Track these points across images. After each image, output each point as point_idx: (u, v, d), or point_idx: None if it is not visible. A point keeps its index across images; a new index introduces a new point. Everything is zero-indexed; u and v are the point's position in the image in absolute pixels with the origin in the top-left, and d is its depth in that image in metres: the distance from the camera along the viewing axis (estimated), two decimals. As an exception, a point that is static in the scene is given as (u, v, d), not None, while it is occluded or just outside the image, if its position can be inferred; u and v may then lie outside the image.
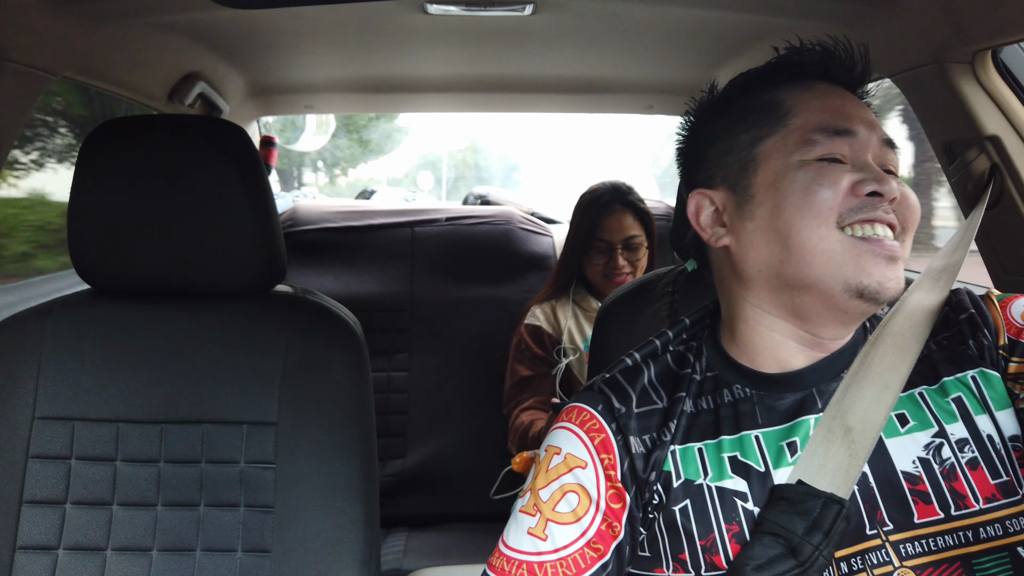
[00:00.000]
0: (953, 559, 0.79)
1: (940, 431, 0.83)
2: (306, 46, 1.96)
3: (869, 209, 0.82)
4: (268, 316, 1.26)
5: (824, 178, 0.83)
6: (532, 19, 1.64)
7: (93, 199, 1.20)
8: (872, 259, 0.81)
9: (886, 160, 0.87)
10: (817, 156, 0.85)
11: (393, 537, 2.25)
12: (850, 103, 0.89)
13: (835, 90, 0.90)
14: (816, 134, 0.85)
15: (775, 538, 0.79)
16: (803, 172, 0.84)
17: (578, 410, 0.93)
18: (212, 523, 1.20)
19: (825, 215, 0.82)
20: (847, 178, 0.83)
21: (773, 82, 0.92)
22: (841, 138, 0.85)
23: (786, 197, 0.84)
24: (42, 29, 1.33)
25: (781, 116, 0.88)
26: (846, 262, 0.82)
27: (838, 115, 0.87)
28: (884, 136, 0.87)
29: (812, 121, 0.87)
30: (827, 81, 0.91)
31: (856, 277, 0.81)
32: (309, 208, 2.63)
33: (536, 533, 0.85)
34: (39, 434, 1.20)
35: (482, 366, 2.35)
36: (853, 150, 0.85)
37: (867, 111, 0.90)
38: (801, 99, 0.89)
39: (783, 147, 0.87)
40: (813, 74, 0.91)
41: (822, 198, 0.82)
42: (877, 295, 0.81)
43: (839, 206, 0.82)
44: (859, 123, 0.87)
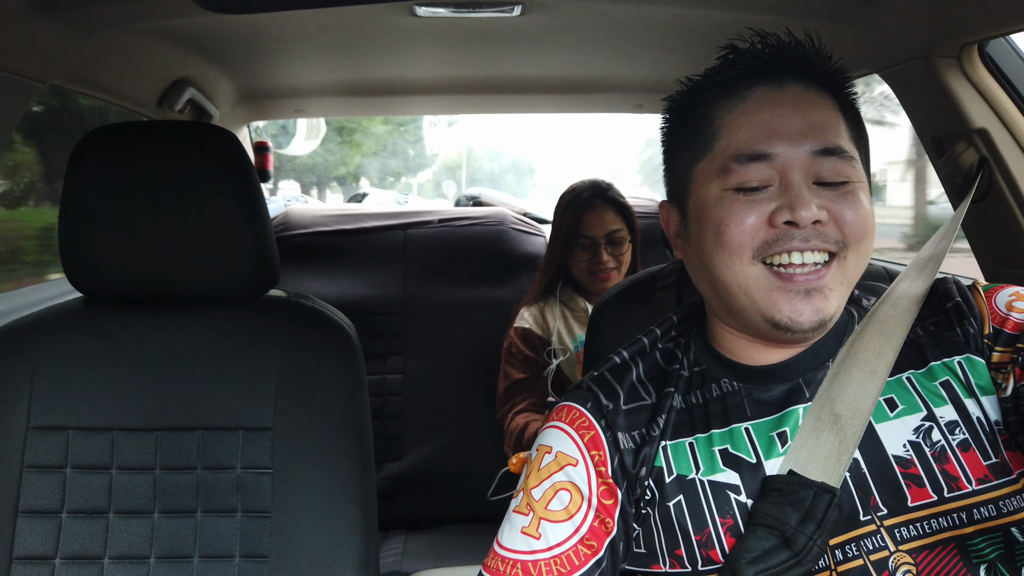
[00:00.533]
0: (948, 541, 0.79)
1: (929, 414, 0.84)
2: (295, 50, 1.96)
3: (785, 240, 0.81)
4: (262, 321, 1.26)
5: (732, 216, 0.83)
6: (521, 20, 1.65)
7: (84, 206, 1.20)
8: (782, 296, 0.82)
9: (822, 172, 0.83)
10: (734, 186, 0.84)
11: (391, 540, 2.25)
12: (782, 112, 0.84)
13: (772, 96, 0.85)
14: (732, 162, 0.84)
15: (769, 530, 0.79)
16: (716, 207, 0.84)
17: (567, 408, 0.93)
18: (209, 530, 1.20)
19: (737, 252, 0.82)
20: (760, 210, 0.82)
21: (708, 96, 0.89)
22: (757, 163, 0.83)
23: (705, 232, 0.86)
24: (30, 37, 1.32)
25: (710, 137, 0.87)
26: (760, 297, 0.83)
27: (760, 135, 0.83)
28: (820, 145, 0.83)
29: (733, 145, 0.84)
30: (769, 83, 0.86)
31: (769, 312, 0.83)
32: (301, 212, 2.63)
33: (529, 532, 0.85)
34: (33, 444, 1.20)
35: (477, 367, 2.35)
36: (776, 170, 0.83)
37: (809, 114, 0.84)
38: (731, 116, 0.86)
39: (708, 173, 0.86)
40: (750, 81, 0.87)
41: (730, 237, 0.82)
42: (789, 328, 0.82)
43: (751, 242, 0.82)
44: (782, 140, 0.83)
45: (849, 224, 0.82)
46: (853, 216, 0.82)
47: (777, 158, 0.83)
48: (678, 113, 0.94)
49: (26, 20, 1.29)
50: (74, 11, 1.36)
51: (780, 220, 0.81)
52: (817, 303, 0.82)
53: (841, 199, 0.83)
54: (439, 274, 2.49)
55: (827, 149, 0.83)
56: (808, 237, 0.81)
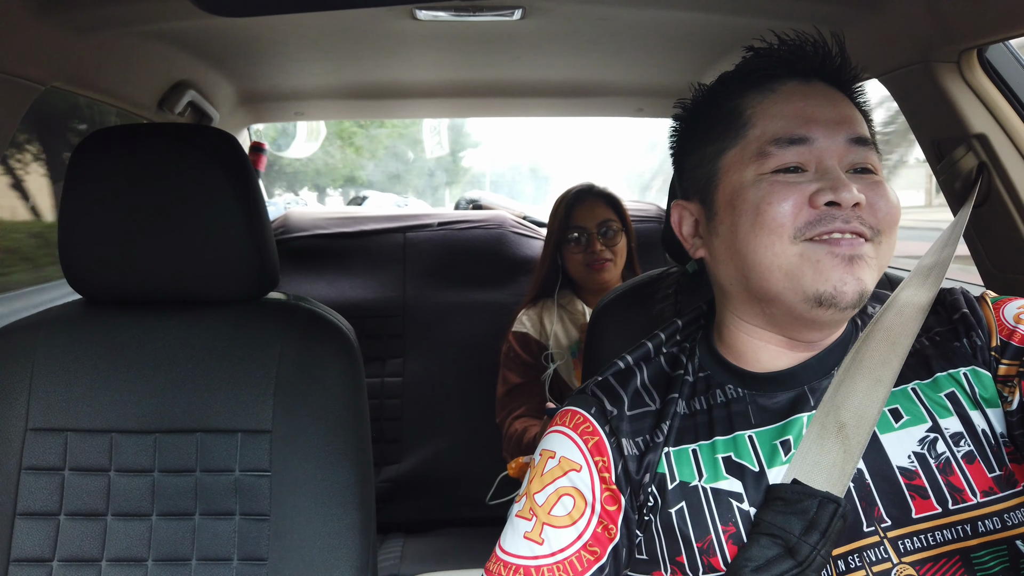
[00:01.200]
0: (952, 553, 0.79)
1: (934, 425, 0.83)
2: (296, 53, 1.96)
3: (827, 221, 0.81)
4: (261, 323, 1.26)
5: (774, 195, 0.82)
6: (521, 24, 1.65)
7: (84, 209, 1.20)
8: (829, 261, 0.80)
9: (856, 160, 0.84)
10: (772, 168, 0.83)
11: (390, 543, 2.24)
12: (815, 103, 0.85)
13: (803, 89, 0.87)
14: (770, 145, 0.84)
15: (772, 539, 0.79)
16: (755, 189, 0.83)
17: (571, 413, 0.93)
18: (207, 532, 1.19)
19: (777, 232, 0.82)
20: (800, 191, 0.82)
21: (737, 88, 0.90)
22: (796, 147, 0.83)
23: (740, 216, 0.85)
24: (31, 39, 1.32)
25: (741, 127, 0.87)
26: (804, 272, 0.81)
27: (796, 121, 0.84)
28: (854, 134, 0.85)
29: (768, 131, 0.85)
30: (798, 78, 0.88)
31: (813, 285, 0.81)
32: (301, 215, 2.63)
33: (532, 537, 0.85)
34: (32, 446, 1.19)
35: (476, 370, 2.35)
36: (814, 156, 0.83)
37: (839, 107, 0.86)
38: (762, 106, 0.87)
39: (741, 160, 0.86)
40: (780, 74, 0.88)
41: (771, 216, 0.82)
42: (834, 300, 0.80)
43: (792, 222, 0.81)
44: (819, 126, 0.84)
45: (883, 211, 0.83)
46: (885, 204, 0.83)
47: (815, 143, 0.83)
48: (702, 106, 0.94)
49: (26, 22, 1.29)
50: (74, 13, 1.36)
51: (822, 200, 0.80)
52: (860, 271, 0.80)
53: (873, 188, 0.83)
54: (438, 277, 2.49)
55: (860, 138, 0.84)
56: (848, 219, 0.81)
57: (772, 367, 0.89)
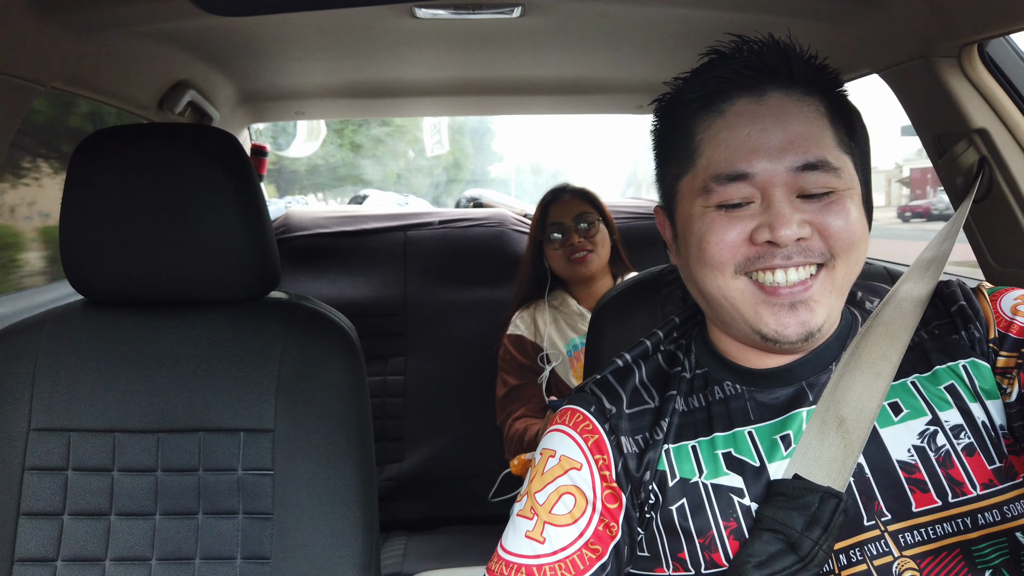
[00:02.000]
0: (952, 546, 0.79)
1: (934, 418, 0.83)
2: (295, 52, 1.96)
3: (767, 258, 0.81)
4: (263, 323, 1.26)
5: (714, 232, 0.83)
6: (520, 21, 1.65)
7: (85, 209, 1.20)
8: (767, 309, 0.82)
9: (806, 186, 0.81)
10: (715, 204, 0.83)
11: (393, 541, 2.25)
12: (760, 128, 0.82)
13: (751, 109, 0.83)
14: (711, 181, 0.83)
15: (774, 534, 0.79)
16: (699, 223, 0.84)
17: (571, 412, 0.93)
18: (211, 531, 1.20)
19: (719, 268, 0.83)
20: (741, 228, 0.82)
21: (689, 109, 0.87)
22: (736, 183, 0.82)
23: (689, 247, 0.86)
24: (30, 40, 1.32)
25: (691, 154, 0.86)
26: (746, 310, 0.83)
27: (738, 153, 0.82)
28: (801, 160, 0.81)
29: (712, 163, 0.83)
30: (750, 94, 0.84)
31: (756, 324, 0.83)
32: (302, 214, 2.63)
33: (534, 536, 0.85)
34: (35, 446, 1.20)
35: (478, 368, 2.35)
36: (758, 187, 0.82)
37: (789, 127, 0.82)
38: (711, 131, 0.85)
39: (691, 189, 0.86)
40: (729, 93, 0.84)
41: (711, 253, 0.83)
42: (776, 340, 0.82)
43: (732, 258, 0.82)
44: (762, 157, 0.81)
45: (835, 235, 0.81)
46: (839, 226, 0.81)
47: (757, 176, 0.81)
48: (662, 125, 0.94)
49: (26, 23, 1.29)
50: (74, 14, 1.36)
51: (760, 239, 0.81)
52: (803, 316, 0.81)
53: (826, 210, 0.81)
54: (439, 275, 2.49)
55: (808, 164, 0.81)
56: (790, 255, 0.80)
57: (767, 364, 0.90)
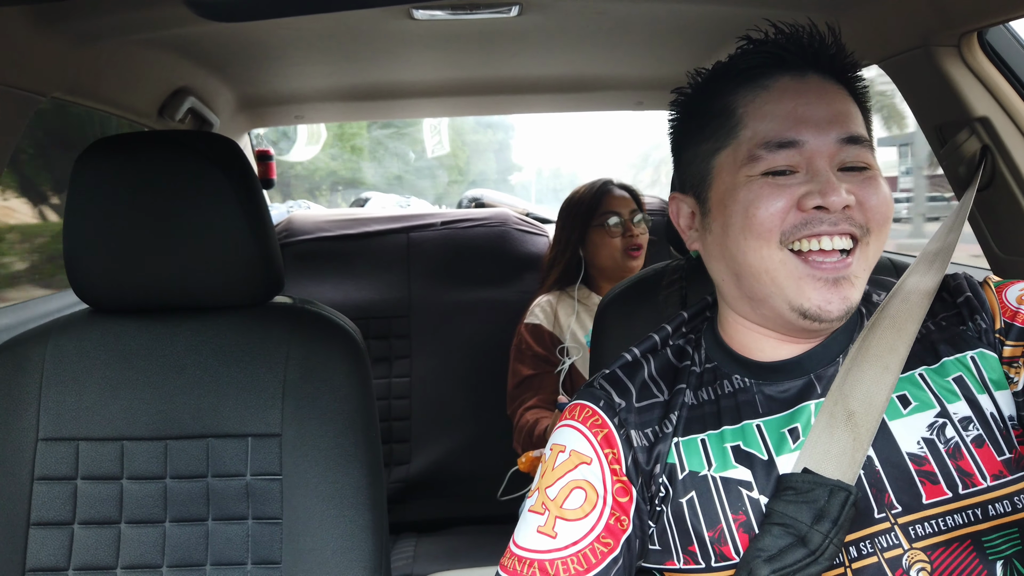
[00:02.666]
0: (963, 538, 0.79)
1: (942, 411, 0.83)
2: (294, 56, 1.96)
3: (814, 224, 0.81)
4: (267, 327, 1.26)
5: (762, 199, 0.83)
6: (518, 20, 1.65)
7: (87, 218, 1.20)
8: (811, 283, 0.82)
9: (847, 158, 0.84)
10: (762, 171, 0.84)
11: (402, 543, 2.25)
12: (806, 101, 0.85)
13: (795, 85, 0.86)
14: (759, 149, 0.84)
15: (784, 528, 0.79)
16: (745, 190, 0.84)
17: (580, 407, 0.93)
18: (220, 537, 1.20)
19: (765, 236, 0.83)
20: (789, 194, 0.82)
21: (730, 85, 0.89)
22: (786, 150, 0.83)
23: (731, 216, 0.85)
24: (30, 51, 1.33)
25: (733, 127, 0.87)
26: (788, 284, 0.83)
27: (786, 123, 0.84)
28: (845, 133, 0.84)
29: (759, 133, 0.85)
30: (791, 73, 0.87)
31: (797, 299, 0.83)
32: (304, 218, 2.64)
33: (545, 531, 0.85)
34: (43, 455, 1.20)
35: (483, 368, 2.35)
36: (804, 157, 0.83)
37: (832, 104, 0.85)
38: (754, 104, 0.86)
39: (733, 161, 0.86)
40: (772, 70, 0.87)
41: (759, 220, 0.83)
42: (819, 317, 0.83)
43: (780, 225, 0.82)
44: (810, 127, 0.83)
45: (873, 208, 0.83)
46: (877, 201, 0.83)
47: (805, 145, 0.83)
48: (695, 102, 0.94)
49: (24, 33, 1.29)
50: (73, 23, 1.36)
51: (810, 204, 0.81)
52: (845, 291, 0.82)
53: (865, 184, 0.83)
54: (443, 276, 2.49)
55: (851, 137, 0.84)
56: (837, 221, 0.81)
57: (776, 356, 0.90)
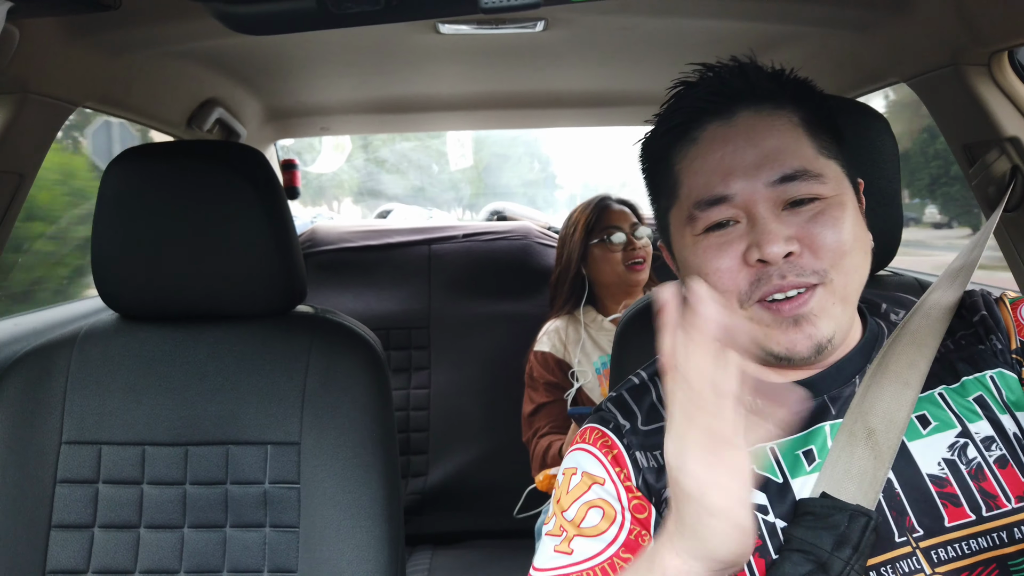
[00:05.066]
0: (988, 562, 0.77)
1: (964, 431, 0.82)
2: (321, 69, 1.98)
3: (764, 282, 0.80)
4: (289, 337, 1.27)
5: (708, 261, 0.82)
6: (544, 35, 1.65)
7: (116, 226, 1.22)
8: (776, 328, 0.81)
9: (788, 196, 0.81)
10: (702, 230, 0.83)
11: (418, 555, 2.24)
12: (732, 148, 0.82)
13: (723, 132, 0.84)
14: (694, 209, 0.83)
15: (804, 555, 0.77)
16: (693, 255, 0.84)
17: (591, 430, 0.93)
18: (238, 544, 1.20)
19: (727, 299, 0.82)
20: (733, 251, 0.81)
21: (665, 141, 0.88)
22: (717, 207, 0.82)
23: (690, 280, 0.84)
24: (63, 61, 1.35)
25: (673, 186, 0.87)
26: (758, 334, 0.82)
27: (715, 177, 0.82)
28: (777, 174, 0.81)
29: (693, 191, 0.84)
30: (719, 118, 0.84)
31: (767, 344, 0.82)
32: (328, 229, 2.65)
33: (562, 549, 0.85)
34: (66, 459, 1.21)
35: (502, 381, 2.35)
36: (741, 207, 0.82)
37: (761, 144, 0.82)
38: (686, 160, 0.86)
39: (679, 221, 0.86)
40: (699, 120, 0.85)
41: (714, 283, 0.82)
42: (789, 359, 0.82)
43: (735, 286, 0.81)
44: (738, 177, 0.81)
45: (824, 247, 0.80)
46: (829, 237, 0.80)
47: (736, 197, 0.82)
48: (645, 161, 0.95)
49: (58, 45, 1.32)
50: (105, 35, 1.39)
51: (752, 259, 0.80)
52: (807, 330, 0.81)
53: (813, 222, 0.81)
54: (463, 288, 2.49)
55: (786, 176, 0.81)
56: (784, 273, 0.80)
57: (788, 379, 0.88)
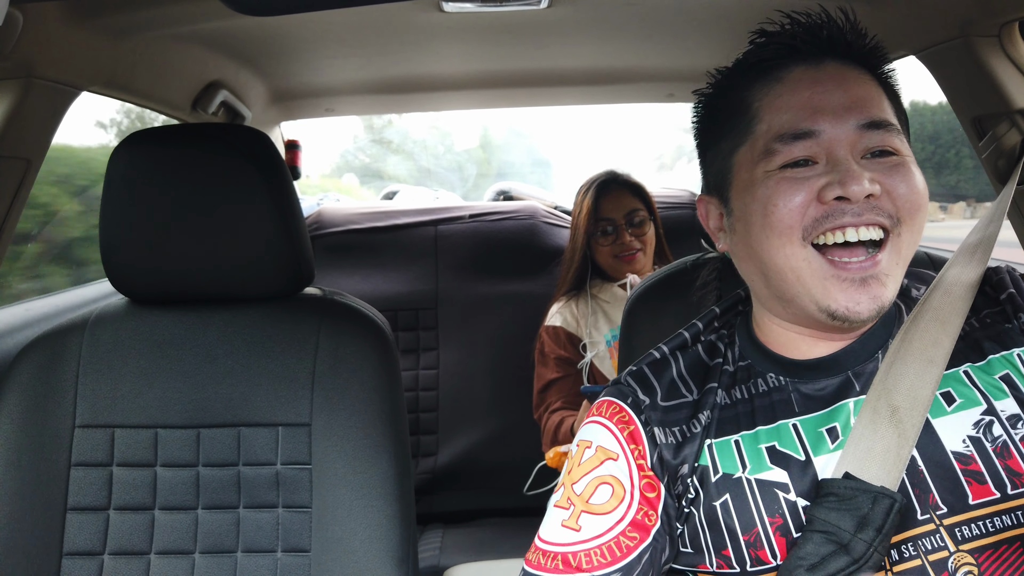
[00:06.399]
0: (1012, 540, 0.76)
1: (989, 408, 0.81)
2: (325, 50, 1.97)
3: (836, 216, 0.78)
4: (297, 319, 1.28)
5: (780, 194, 0.80)
6: (548, 12, 1.64)
7: (123, 210, 1.22)
8: (837, 284, 0.79)
9: (870, 144, 0.81)
10: (779, 165, 0.81)
11: (429, 534, 2.26)
12: (823, 89, 0.82)
13: (811, 74, 0.83)
14: (775, 142, 0.82)
15: (826, 536, 0.76)
16: (763, 187, 0.82)
17: (607, 403, 0.93)
18: (251, 524, 1.21)
19: (787, 233, 0.80)
20: (808, 187, 0.79)
21: (744, 80, 0.87)
22: (802, 141, 0.81)
23: (751, 215, 0.83)
24: (67, 45, 1.35)
25: (749, 121, 0.85)
26: (814, 284, 0.80)
27: (801, 113, 0.81)
28: (866, 118, 0.81)
29: (774, 126, 0.82)
30: (806, 62, 0.84)
31: (824, 300, 0.80)
32: (334, 211, 2.65)
33: (570, 525, 0.85)
34: (80, 442, 1.23)
35: (510, 361, 2.35)
36: (823, 147, 0.80)
37: (850, 90, 0.82)
38: (768, 98, 0.84)
39: (751, 157, 0.84)
40: (785, 61, 0.85)
41: (779, 217, 0.80)
42: (847, 319, 0.80)
43: (800, 221, 0.80)
44: (826, 116, 0.81)
45: (902, 197, 0.80)
46: (906, 188, 0.80)
47: (822, 135, 0.80)
48: (713, 102, 0.93)
49: (62, 28, 1.31)
50: (108, 18, 1.38)
51: (830, 196, 0.78)
52: (874, 290, 0.79)
53: (893, 172, 0.80)
54: (470, 269, 2.49)
55: (873, 122, 0.81)
56: (861, 211, 0.78)
57: (812, 354, 0.88)
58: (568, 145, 6.10)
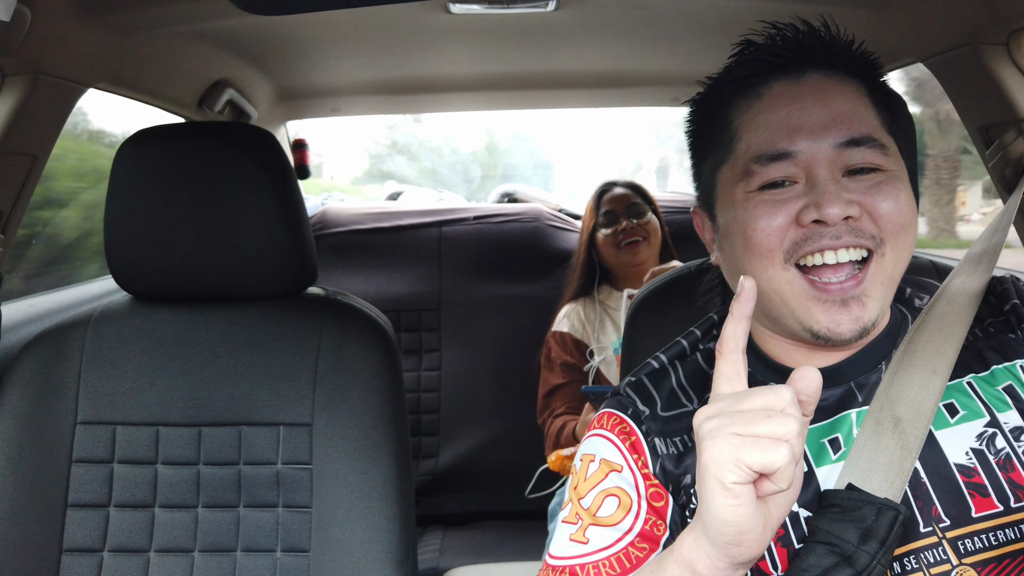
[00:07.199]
0: (1016, 553, 0.75)
1: (992, 420, 0.80)
2: (331, 50, 1.97)
3: (815, 239, 0.78)
4: (300, 318, 1.28)
5: (759, 217, 0.80)
6: (555, 15, 1.64)
7: (128, 208, 1.22)
8: (818, 306, 0.79)
9: (852, 162, 0.79)
10: (757, 187, 0.81)
11: (429, 536, 2.26)
12: (801, 106, 0.80)
13: (791, 90, 0.82)
14: (752, 163, 0.81)
15: (829, 547, 0.75)
16: (743, 209, 0.81)
17: (608, 415, 0.92)
18: (251, 523, 1.21)
19: (768, 256, 0.80)
20: (787, 210, 0.79)
21: (725, 96, 0.86)
22: (778, 163, 0.80)
23: (734, 236, 0.83)
24: (74, 42, 1.35)
25: (729, 140, 0.84)
26: (796, 305, 0.80)
27: (779, 133, 0.80)
28: (845, 136, 0.79)
29: (752, 146, 0.81)
30: (787, 77, 0.83)
31: (807, 321, 0.80)
32: (338, 211, 2.66)
33: (577, 538, 0.84)
34: (81, 439, 1.23)
35: (512, 363, 2.35)
36: (802, 167, 0.79)
37: (831, 105, 0.80)
38: (748, 115, 0.83)
39: (732, 177, 0.84)
40: (765, 76, 0.83)
41: (758, 241, 0.79)
42: (829, 339, 0.79)
43: (780, 244, 0.79)
44: (804, 135, 0.79)
45: (885, 217, 0.78)
46: (889, 207, 0.79)
47: (800, 155, 0.79)
48: (697, 117, 0.92)
49: (69, 24, 1.32)
50: (116, 15, 1.39)
51: (807, 219, 0.78)
52: (855, 311, 0.79)
53: (875, 190, 0.79)
54: (474, 271, 2.49)
55: (854, 139, 0.79)
56: (839, 234, 0.77)
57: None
58: (570, 148, 6.11)
